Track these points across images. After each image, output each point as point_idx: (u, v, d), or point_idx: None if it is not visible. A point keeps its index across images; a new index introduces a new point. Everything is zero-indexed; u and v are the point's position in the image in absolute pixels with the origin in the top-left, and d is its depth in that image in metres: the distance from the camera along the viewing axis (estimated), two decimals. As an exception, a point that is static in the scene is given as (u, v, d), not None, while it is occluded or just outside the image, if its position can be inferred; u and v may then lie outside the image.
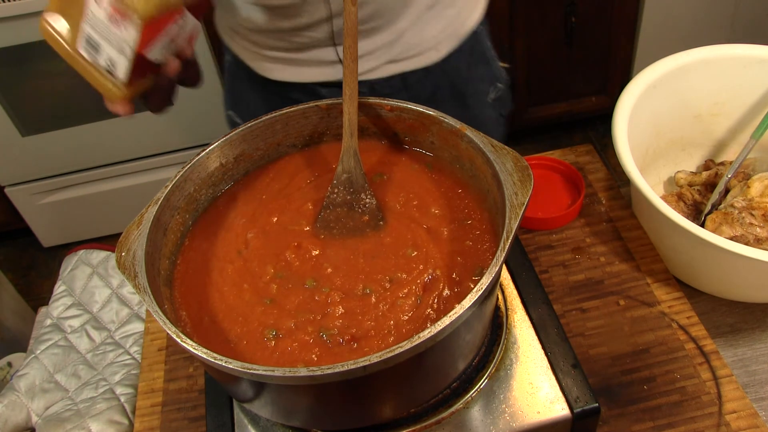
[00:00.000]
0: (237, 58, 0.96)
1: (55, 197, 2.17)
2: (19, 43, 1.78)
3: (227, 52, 0.99)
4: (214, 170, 0.72)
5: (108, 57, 0.62)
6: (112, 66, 0.62)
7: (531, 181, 0.59)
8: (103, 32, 0.60)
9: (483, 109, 1.02)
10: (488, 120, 1.04)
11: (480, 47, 0.98)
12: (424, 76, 0.93)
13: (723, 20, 2.14)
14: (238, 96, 1.02)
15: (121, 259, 0.60)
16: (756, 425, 0.68)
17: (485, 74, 1.00)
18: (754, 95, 0.92)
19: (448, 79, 0.95)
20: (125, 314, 1.35)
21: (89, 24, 0.61)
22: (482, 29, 0.97)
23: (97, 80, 0.64)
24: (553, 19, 2.03)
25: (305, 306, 0.61)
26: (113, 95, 0.64)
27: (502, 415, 0.65)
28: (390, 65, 0.90)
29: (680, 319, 0.77)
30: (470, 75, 0.98)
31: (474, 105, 1.00)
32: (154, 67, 0.64)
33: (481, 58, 0.99)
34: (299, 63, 0.89)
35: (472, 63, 0.97)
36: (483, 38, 0.98)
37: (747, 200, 0.84)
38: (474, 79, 0.99)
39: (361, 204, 0.69)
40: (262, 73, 0.93)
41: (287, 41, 0.86)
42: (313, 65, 0.89)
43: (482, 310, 0.59)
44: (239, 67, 0.97)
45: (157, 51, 0.63)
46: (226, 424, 0.67)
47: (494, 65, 1.02)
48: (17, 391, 1.21)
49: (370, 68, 0.89)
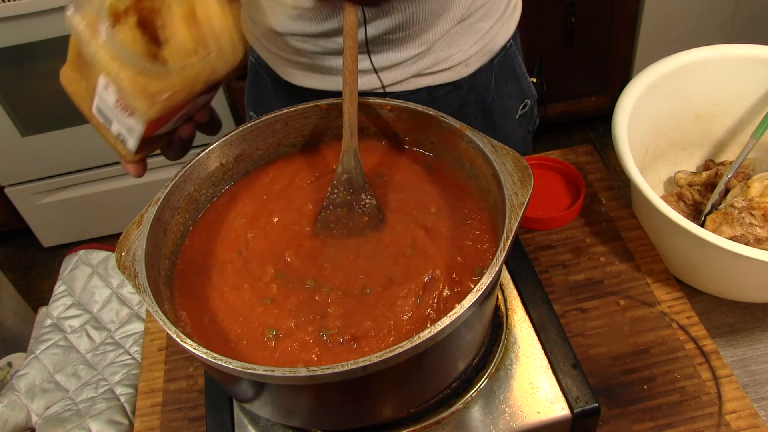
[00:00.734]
0: (260, 60, 0.94)
1: (55, 197, 2.17)
2: (19, 43, 1.78)
3: (251, 53, 0.97)
4: (214, 170, 0.72)
5: (118, 130, 0.62)
6: (122, 138, 0.62)
7: (531, 181, 0.59)
8: (112, 112, 0.60)
9: (510, 125, 1.00)
10: (515, 137, 1.02)
11: (510, 63, 0.95)
12: (452, 90, 0.90)
13: (723, 20, 2.14)
14: (259, 97, 0.99)
15: (121, 259, 0.60)
16: (756, 425, 0.68)
17: (514, 90, 0.98)
18: (754, 95, 0.92)
19: (476, 95, 0.93)
20: (125, 314, 1.35)
21: (99, 100, 0.60)
22: (513, 44, 0.94)
23: (110, 141, 0.65)
24: (553, 19, 2.03)
25: (305, 306, 0.61)
26: (124, 159, 0.66)
27: (502, 415, 0.65)
28: (417, 78, 0.87)
29: (680, 319, 0.77)
30: (499, 91, 0.95)
31: (501, 122, 0.98)
32: (165, 134, 0.65)
33: (511, 74, 0.96)
34: (323, 71, 0.86)
35: (502, 79, 0.94)
36: (514, 54, 0.95)
37: (747, 200, 0.84)
38: (502, 95, 0.96)
39: (361, 204, 0.69)
40: (286, 78, 0.90)
41: (315, 45, 0.83)
42: (338, 73, 0.86)
43: (482, 310, 0.59)
44: (263, 69, 0.95)
45: (167, 128, 0.63)
46: (226, 424, 0.67)
47: (524, 81, 0.99)
48: (17, 391, 1.21)
49: (397, 80, 0.86)
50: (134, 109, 0.57)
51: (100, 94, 0.60)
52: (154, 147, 0.66)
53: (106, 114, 0.61)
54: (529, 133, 1.06)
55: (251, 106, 1.03)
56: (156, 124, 0.59)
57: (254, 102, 1.02)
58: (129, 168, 0.67)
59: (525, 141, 1.06)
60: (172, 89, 0.58)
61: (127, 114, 0.58)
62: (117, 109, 0.59)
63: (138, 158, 0.65)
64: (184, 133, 0.63)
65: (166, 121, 0.61)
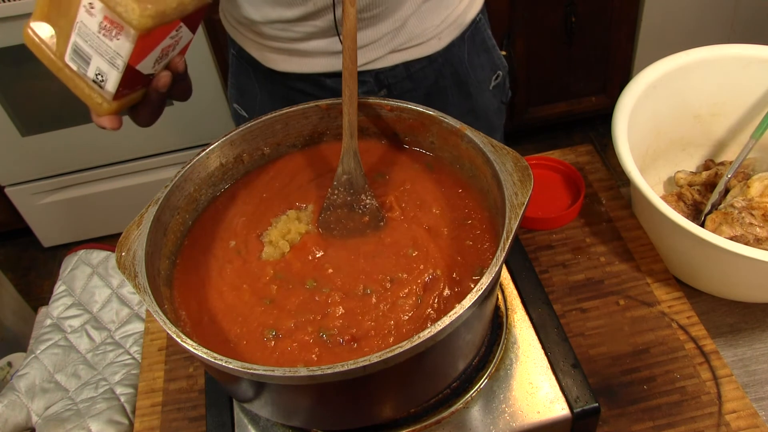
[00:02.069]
0: (242, 50, 0.96)
1: (55, 197, 2.17)
2: (19, 43, 1.78)
3: (232, 45, 0.99)
4: (214, 170, 0.72)
5: (97, 68, 0.59)
6: (101, 78, 0.60)
7: (531, 181, 0.60)
8: (94, 43, 0.58)
9: (485, 96, 1.04)
10: (490, 108, 1.06)
11: (480, 36, 0.99)
12: (428, 64, 0.94)
13: (723, 20, 2.14)
14: (243, 88, 1.02)
15: (121, 259, 0.60)
16: (756, 425, 0.68)
17: (486, 62, 1.02)
18: (754, 95, 0.92)
19: (450, 68, 0.97)
20: (125, 314, 1.35)
21: (79, 34, 0.58)
22: (482, 18, 0.99)
23: (84, 92, 0.62)
24: (553, 19, 2.03)
25: (305, 306, 0.61)
26: (100, 108, 0.62)
27: (502, 415, 0.65)
28: (394, 54, 0.90)
29: (680, 319, 0.77)
30: (472, 63, 0.99)
31: (476, 93, 1.02)
32: (143, 81, 0.63)
33: (482, 46, 1.00)
34: (303, 54, 0.89)
35: (474, 51, 0.98)
36: (484, 27, 1.00)
37: (747, 200, 0.84)
38: (476, 66, 1.00)
39: (362, 205, 0.69)
40: (267, 65, 0.93)
41: (291, 31, 0.86)
42: (317, 56, 0.89)
43: (482, 310, 0.59)
44: (244, 60, 0.97)
45: (149, 64, 0.61)
46: (226, 424, 0.67)
47: (495, 53, 1.03)
48: (17, 391, 1.21)
49: (375, 57, 0.90)
50: (125, 19, 0.55)
51: (79, 26, 0.57)
52: (130, 98, 0.63)
53: (85, 51, 0.59)
54: (502, 103, 1.10)
55: (235, 98, 1.05)
56: (143, 44, 0.57)
57: (237, 94, 1.04)
58: (103, 121, 0.63)
59: (500, 111, 1.10)
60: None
61: (114, 34, 0.56)
62: (101, 35, 0.57)
63: (114, 107, 0.62)
64: (161, 83, 0.62)
65: (152, 46, 0.59)
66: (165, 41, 0.60)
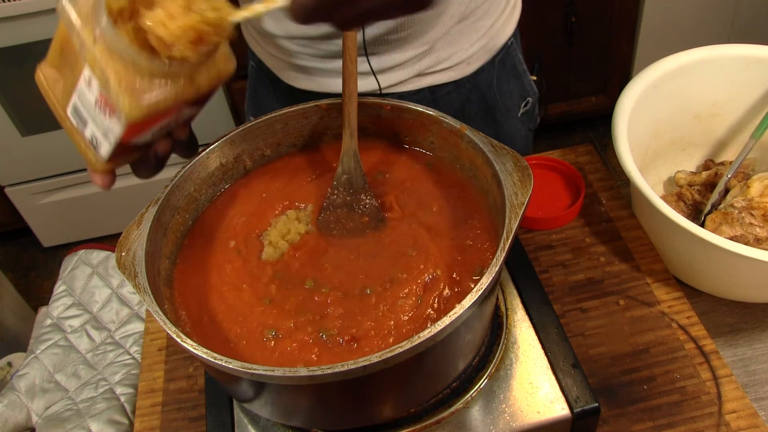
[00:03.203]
0: (261, 63, 0.93)
1: (55, 197, 2.17)
2: (19, 43, 1.78)
3: (251, 57, 0.96)
4: (214, 170, 0.72)
5: (92, 134, 0.57)
6: (95, 143, 0.58)
7: (531, 181, 0.60)
8: (91, 112, 0.56)
9: (512, 124, 0.99)
10: (517, 135, 1.01)
11: (512, 61, 0.95)
12: (454, 89, 0.90)
13: (723, 20, 2.14)
14: (260, 102, 0.99)
15: (121, 259, 0.60)
16: (756, 425, 0.68)
17: (516, 88, 0.98)
18: (754, 95, 0.92)
19: (478, 93, 0.93)
20: (125, 314, 1.35)
21: (79, 98, 0.56)
22: (514, 42, 0.94)
23: (80, 146, 0.60)
24: (553, 19, 2.03)
25: (305, 306, 0.61)
26: (95, 166, 0.60)
27: (502, 415, 0.65)
28: (419, 78, 0.87)
29: (680, 319, 0.77)
30: (501, 89, 0.95)
31: (503, 120, 0.98)
32: (141, 148, 0.60)
33: (513, 71, 0.96)
34: (327, 73, 0.86)
35: (503, 77, 0.94)
36: (515, 51, 0.95)
37: (747, 200, 0.84)
38: (504, 93, 0.96)
39: (361, 205, 0.69)
40: (287, 82, 0.90)
41: (314, 48, 0.83)
42: (341, 76, 0.86)
43: (482, 310, 0.59)
44: (263, 74, 0.94)
45: (145, 138, 0.58)
46: (226, 424, 0.67)
47: (525, 79, 0.99)
48: (17, 391, 1.21)
49: (399, 80, 0.86)
50: (117, 107, 0.52)
51: (79, 91, 0.56)
52: (126, 159, 0.61)
53: (83, 114, 0.57)
54: (530, 131, 1.05)
55: (252, 111, 1.03)
56: (136, 128, 0.55)
57: (254, 107, 1.02)
58: (96, 178, 0.61)
59: (527, 139, 1.06)
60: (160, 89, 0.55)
61: (108, 113, 0.54)
62: (96, 108, 0.55)
63: (108, 168, 0.60)
64: (161, 149, 0.59)
65: (146, 129, 0.56)
66: (163, 121, 0.57)
